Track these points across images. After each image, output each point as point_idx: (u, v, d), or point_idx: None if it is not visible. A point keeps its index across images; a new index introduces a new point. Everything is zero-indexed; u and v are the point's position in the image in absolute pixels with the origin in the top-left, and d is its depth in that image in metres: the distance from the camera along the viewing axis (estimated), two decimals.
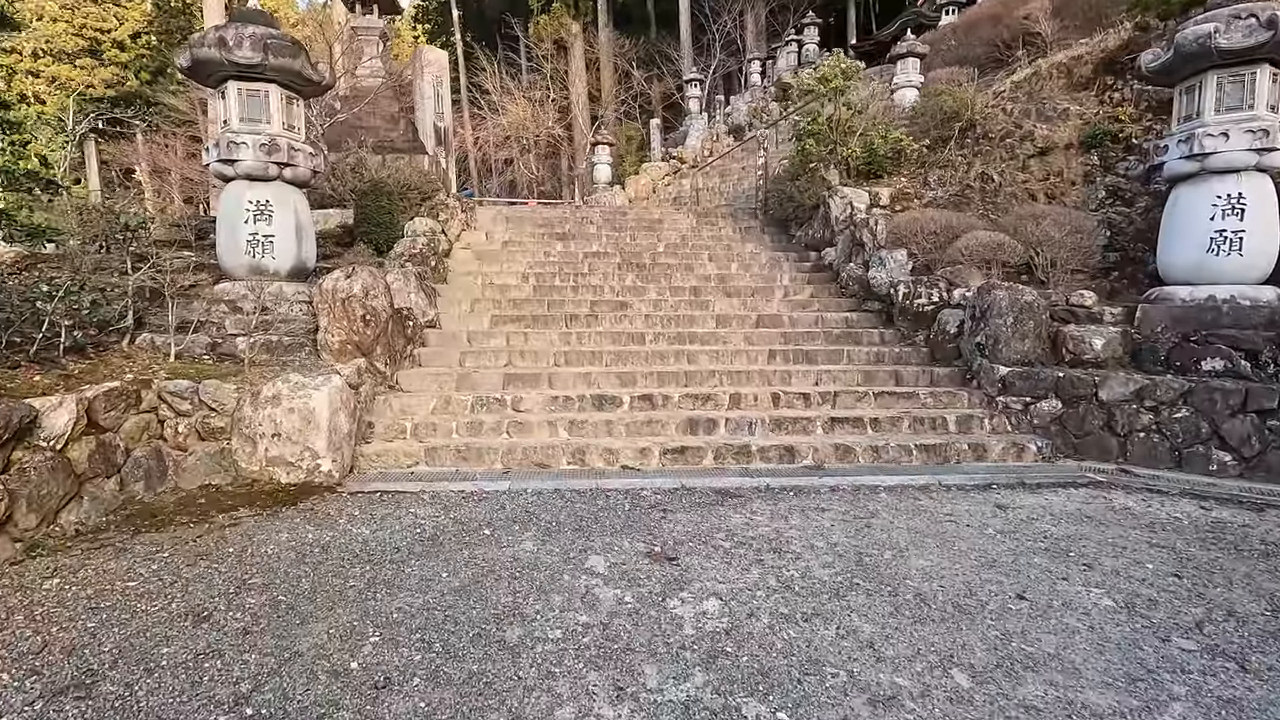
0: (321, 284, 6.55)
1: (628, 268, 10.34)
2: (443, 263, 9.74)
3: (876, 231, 9.54)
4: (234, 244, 7.14)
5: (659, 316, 8.76)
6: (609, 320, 8.66)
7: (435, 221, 10.05)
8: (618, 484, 5.40)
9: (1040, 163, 9.60)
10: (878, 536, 4.38)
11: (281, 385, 5.17)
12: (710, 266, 10.59)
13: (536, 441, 6.10)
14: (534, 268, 10.23)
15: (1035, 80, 10.70)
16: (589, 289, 9.54)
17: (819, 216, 11.12)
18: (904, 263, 8.96)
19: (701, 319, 8.79)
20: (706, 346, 8.11)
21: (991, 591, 3.57)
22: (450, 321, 8.42)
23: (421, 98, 14.40)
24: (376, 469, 5.69)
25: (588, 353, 7.75)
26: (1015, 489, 5.49)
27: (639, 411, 6.72)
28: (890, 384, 7.47)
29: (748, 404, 6.91)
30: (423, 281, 8.33)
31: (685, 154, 23.28)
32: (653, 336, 8.26)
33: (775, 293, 9.77)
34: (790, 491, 5.31)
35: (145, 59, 29.47)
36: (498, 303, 8.99)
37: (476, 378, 7.12)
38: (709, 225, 12.62)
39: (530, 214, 12.79)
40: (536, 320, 8.55)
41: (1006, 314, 7.10)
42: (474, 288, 9.40)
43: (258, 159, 7.02)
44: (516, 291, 9.42)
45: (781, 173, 12.85)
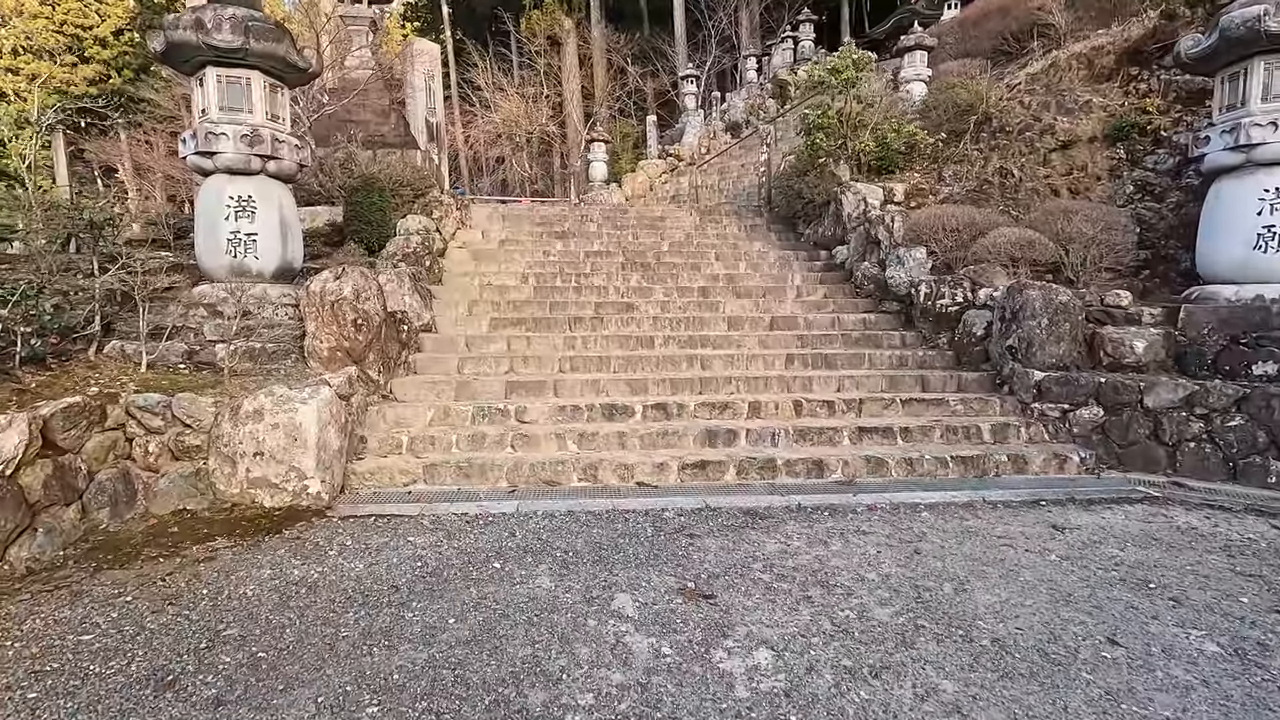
0: (309, 286, 6.04)
1: (632, 267, 9.88)
2: (438, 263, 9.24)
3: (893, 228, 9.12)
4: (213, 243, 6.61)
5: (668, 319, 8.30)
6: (615, 323, 8.19)
7: (429, 219, 9.55)
8: (635, 504, 4.93)
9: (1062, 156, 9.21)
10: (931, 565, 3.94)
11: (264, 399, 4.67)
12: (718, 266, 10.13)
13: (544, 456, 5.63)
14: (533, 268, 9.75)
15: (1053, 72, 10.31)
16: (592, 290, 9.06)
17: (829, 214, 10.69)
18: (923, 261, 8.54)
19: (712, 321, 8.33)
20: (720, 351, 7.65)
21: (1077, 635, 3.13)
22: (447, 325, 7.93)
23: (413, 91, 13.87)
24: (370, 488, 5.20)
25: (595, 358, 7.28)
26: (1066, 506, 5.06)
27: (653, 422, 6.25)
28: (917, 390, 7.05)
29: (768, 413, 6.46)
30: (417, 283, 7.83)
31: (682, 151, 22.85)
32: (662, 340, 7.80)
33: (787, 293, 9.33)
34: (825, 511, 4.86)
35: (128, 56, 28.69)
36: (497, 305, 8.50)
37: (477, 386, 6.63)
38: (713, 223, 12.17)
39: (527, 212, 12.30)
40: (539, 323, 8.07)
41: (1040, 315, 6.69)
42: (471, 289, 8.91)
43: (239, 151, 6.50)
44: (516, 293, 8.94)
45: (787, 169, 12.42)
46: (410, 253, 8.50)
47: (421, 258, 8.68)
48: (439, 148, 16.02)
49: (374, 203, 8.70)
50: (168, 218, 8.38)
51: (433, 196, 10.36)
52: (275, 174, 6.80)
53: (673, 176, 21.96)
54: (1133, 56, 9.31)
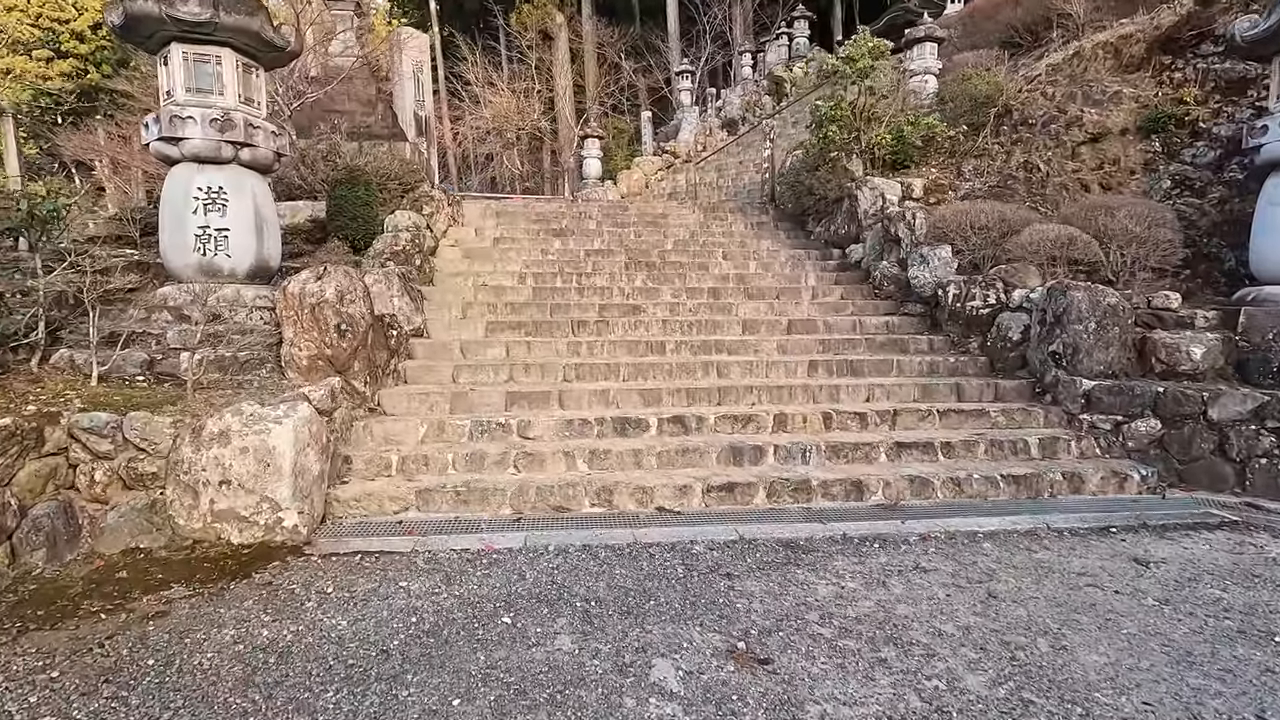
0: (286, 287, 5.40)
1: (636, 267, 9.28)
2: (429, 262, 8.60)
3: (915, 226, 8.59)
4: (180, 239, 5.95)
5: (678, 322, 7.71)
6: (622, 327, 7.59)
7: (419, 215, 8.91)
8: (659, 535, 4.34)
9: (1092, 150, 8.72)
10: (1013, 612, 3.37)
11: (232, 419, 4.03)
12: (726, 265, 9.56)
13: (552, 477, 5.02)
14: (531, 267, 9.13)
15: (1076, 62, 9.83)
16: (595, 291, 8.46)
17: (843, 210, 10.15)
18: (949, 260, 8.01)
19: (726, 325, 7.75)
20: (736, 357, 7.08)
21: (1219, 713, 2.58)
22: (440, 329, 7.29)
23: (401, 81, 13.21)
24: (355, 518, 4.57)
25: (602, 365, 6.67)
26: (1140, 533, 4.53)
27: (670, 437, 5.66)
28: (952, 399, 6.51)
29: (796, 426, 5.88)
30: (407, 283, 7.19)
31: (678, 148, 22.29)
32: (674, 346, 7.20)
33: (802, 294, 8.77)
34: (874, 543, 4.29)
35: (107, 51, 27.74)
36: (493, 307, 7.87)
37: (474, 397, 6.01)
38: (717, 220, 11.60)
39: (523, 209, 11.67)
40: (539, 327, 7.45)
41: (1087, 319, 6.16)
42: (465, 290, 8.27)
43: (208, 137, 5.85)
44: (514, 294, 8.31)
45: (795, 164, 11.87)
46: (399, 251, 7.86)
47: (411, 256, 8.03)
48: (428, 142, 15.36)
49: (359, 197, 8.04)
50: (133, 212, 7.68)
51: (423, 191, 9.72)
52: (249, 163, 6.15)
53: (669, 174, 21.40)
54: (1165, 44, 8.83)
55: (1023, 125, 9.74)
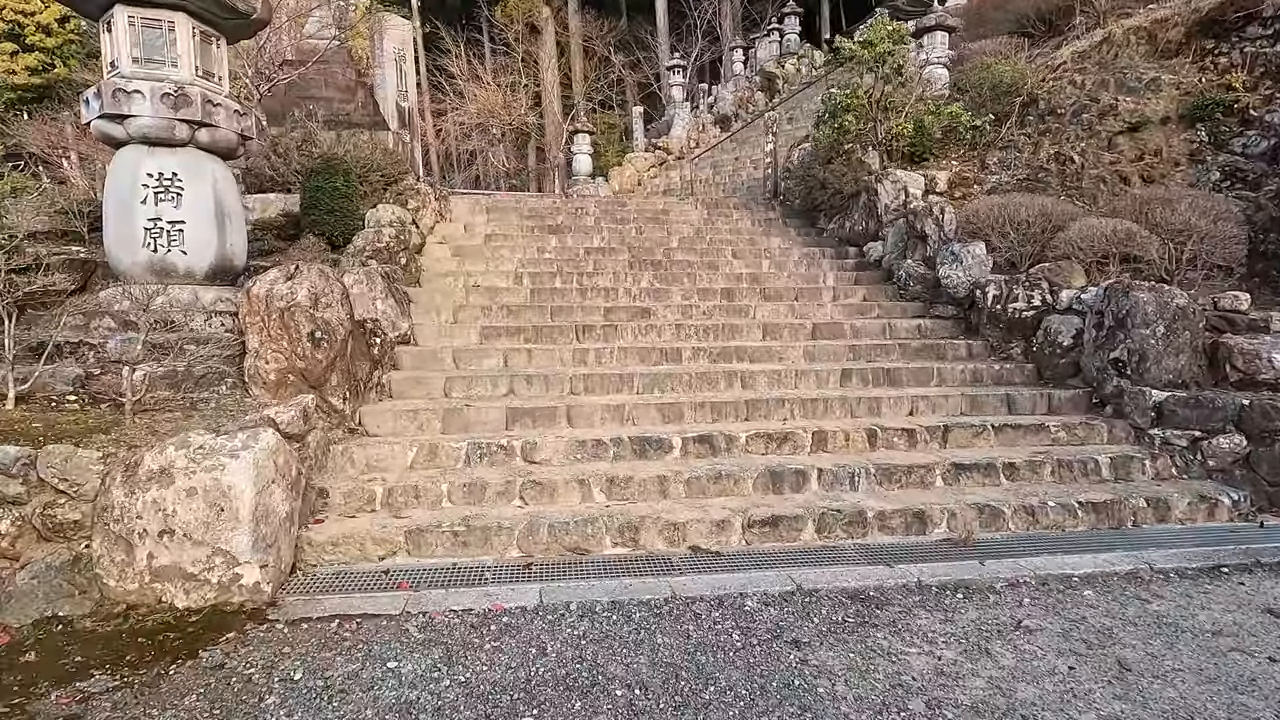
0: (251, 289, 4.61)
1: (640, 266, 8.56)
2: (415, 260, 7.81)
3: (943, 222, 7.95)
4: (127, 233, 5.14)
5: (692, 326, 6.99)
6: (631, 332, 6.86)
7: (404, 210, 8.12)
8: (701, 585, 3.62)
9: (1130, 140, 8.14)
10: (1161, 694, 2.70)
11: (176, 452, 3.24)
12: (737, 264, 8.87)
13: (565, 511, 4.28)
14: (527, 266, 8.37)
15: (1106, 48, 9.27)
16: (599, 292, 7.72)
17: (859, 205, 9.50)
18: (984, 259, 7.38)
19: (745, 329, 7.05)
20: (760, 365, 6.38)
21: None
22: (429, 336, 6.51)
23: (382, 68, 12.38)
24: (333, 567, 3.80)
25: (613, 376, 5.93)
26: (1256, 574, 3.89)
27: (697, 459, 4.95)
28: (1004, 412, 5.86)
29: (838, 445, 5.19)
30: (392, 284, 6.41)
31: (671, 144, 21.62)
32: (690, 353, 6.49)
33: (822, 295, 8.10)
34: (955, 592, 3.61)
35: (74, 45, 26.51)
36: (487, 310, 7.10)
37: (470, 414, 5.24)
38: (722, 217, 10.92)
39: (514, 204, 10.90)
40: (540, 333, 6.69)
41: (1154, 322, 5.55)
42: (455, 291, 7.49)
43: (159, 115, 5.05)
44: (509, 296, 7.55)
45: (804, 158, 11.22)
46: (383, 248, 7.07)
47: (396, 254, 7.25)
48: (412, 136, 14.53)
49: (337, 188, 7.24)
50: (80, 205, 6.82)
51: (408, 184, 8.93)
52: (209, 146, 5.35)
53: (661, 170, 20.72)
54: (1206, 28, 8.28)
55: (1050, 115, 9.16)
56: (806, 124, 18.22)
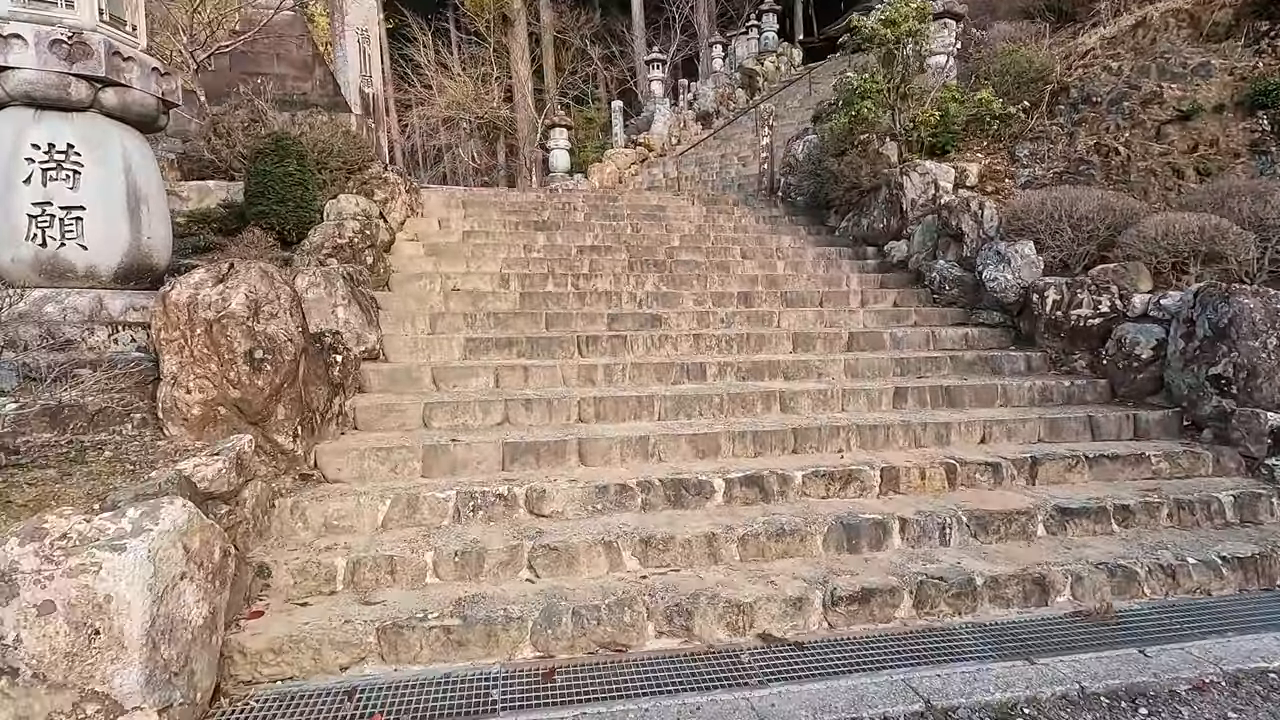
0: (168, 295, 3.48)
1: (642, 267, 7.55)
2: (383, 260, 6.68)
3: (983, 218, 7.12)
4: (4, 221, 3.95)
5: (712, 337, 6.01)
6: (643, 344, 5.84)
7: (370, 202, 6.99)
8: (789, 701, 2.63)
9: (1181, 130, 7.42)
10: None
11: (19, 549, 2.11)
12: (749, 265, 7.93)
13: (590, 587, 3.24)
14: (513, 267, 7.30)
15: (1142, 32, 8.59)
16: (599, 297, 6.69)
17: (878, 201, 8.64)
18: (1034, 260, 6.55)
19: (773, 340, 6.10)
20: (799, 383, 5.43)
21: None
22: (402, 350, 5.41)
23: (343, 48, 11.16)
24: (274, 686, 2.71)
25: (628, 399, 4.90)
26: None
27: (746, 506, 3.96)
28: (1087, 437, 5.01)
29: (911, 484, 4.26)
30: (357, 288, 5.29)
31: (652, 141, 20.68)
32: (716, 369, 5.50)
33: (849, 300, 7.20)
34: (1135, 702, 2.68)
35: None
36: (470, 319, 6.01)
37: (457, 452, 4.16)
38: (722, 214, 9.98)
39: (494, 199, 9.80)
40: (535, 346, 5.63)
41: (1265, 333, 4.75)
42: (432, 296, 6.39)
43: (48, 68, 3.89)
44: (495, 301, 6.47)
45: (810, 150, 10.33)
46: (345, 244, 5.94)
47: (360, 252, 6.12)
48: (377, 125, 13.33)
49: (290, 174, 6.08)
50: None
51: (374, 172, 7.79)
52: (118, 112, 4.19)
53: (643, 167, 19.76)
54: (1260, 8, 7.63)
55: (1084, 103, 8.43)
56: (792, 120, 17.59)
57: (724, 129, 20.98)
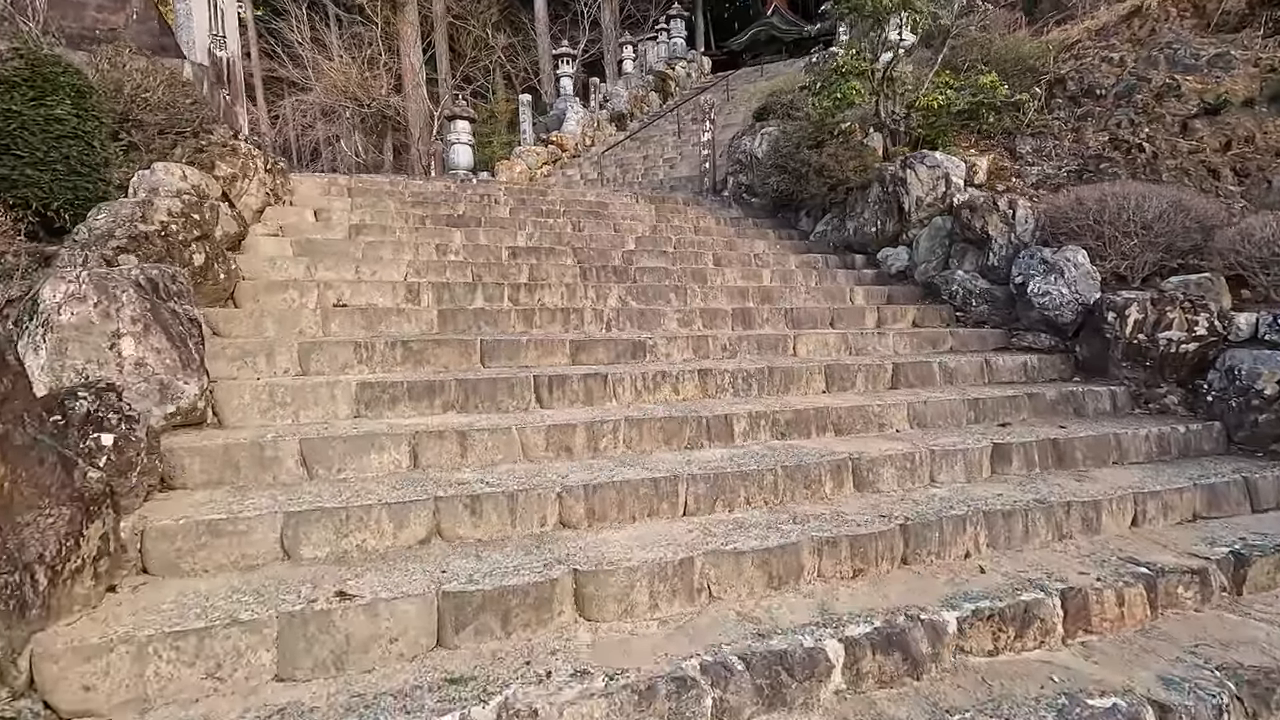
0: None
1: (599, 276, 5.75)
2: (224, 261, 4.45)
3: (1015, 220, 5.88)
4: None
5: (722, 373, 4.26)
6: (631, 385, 3.99)
7: (207, 176, 4.77)
8: None
9: (1210, 125, 6.54)
10: None
11: None
12: (730, 275, 6.30)
13: None
14: (424, 273, 5.28)
15: (1138, 22, 7.79)
16: (551, 316, 4.80)
17: (868, 200, 7.29)
18: (1089, 270, 5.34)
19: (799, 376, 4.44)
20: (861, 440, 3.78)
21: None
22: (249, 407, 3.27)
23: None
24: None
25: (638, 486, 3.02)
26: None
27: (882, 688, 2.24)
28: (1246, 508, 3.69)
29: (1106, 616, 2.68)
30: (164, 305, 3.11)
31: (565, 140, 18.84)
32: (746, 422, 3.75)
33: (864, 319, 5.73)
34: None
35: None
36: (365, 351, 3.93)
37: (346, 627, 2.16)
38: (675, 213, 8.36)
39: (390, 187, 7.63)
40: (472, 393, 3.65)
41: None
42: (303, 315, 4.25)
43: None
44: (402, 322, 4.44)
45: (776, 143, 8.89)
46: (154, 234, 3.73)
47: (182, 248, 3.91)
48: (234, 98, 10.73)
49: (59, 120, 3.78)
50: None
51: (218, 138, 5.50)
52: None
53: (556, 168, 17.86)
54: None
55: (1085, 96, 7.51)
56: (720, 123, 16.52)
57: (642, 131, 19.60)
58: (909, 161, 6.76)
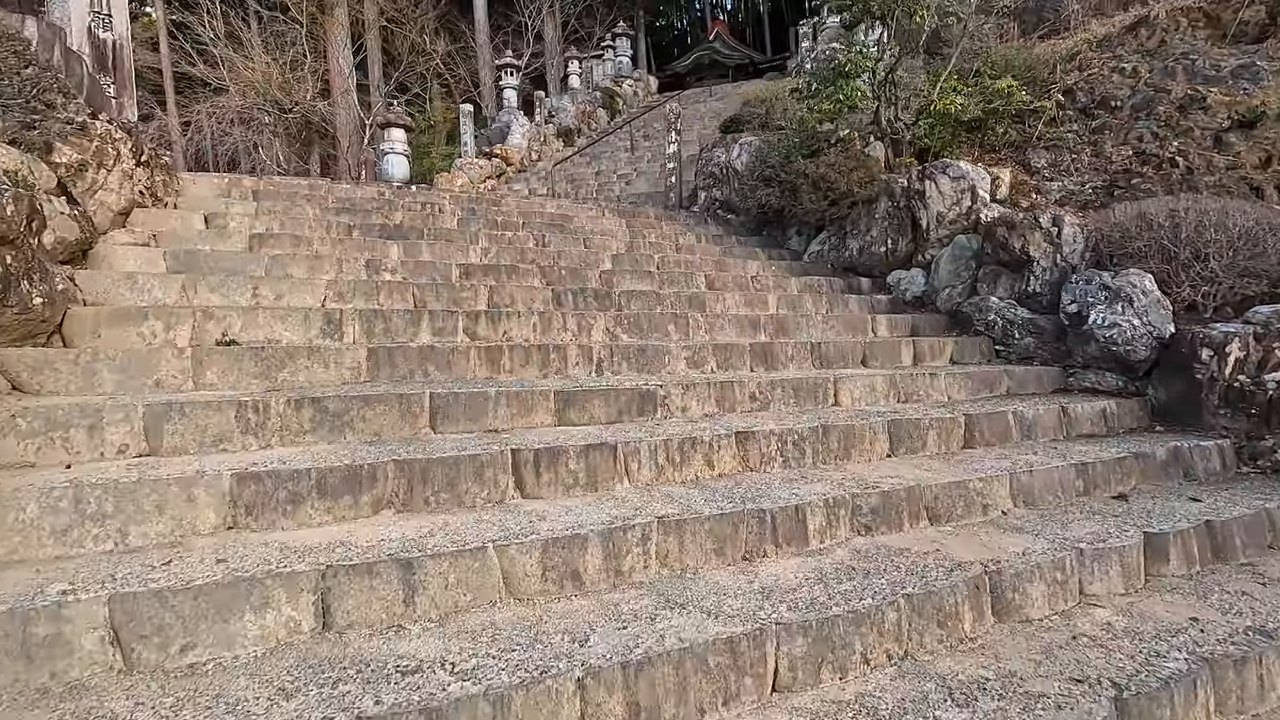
0: None
1: (576, 302, 4.57)
2: (38, 279, 3.05)
3: (1061, 239, 5.06)
4: None
5: (767, 436, 3.11)
6: (649, 456, 2.81)
7: (31, 159, 3.38)
8: None
9: (1245, 139, 5.95)
10: None
11: None
12: (731, 301, 5.24)
13: None
14: (349, 296, 3.98)
15: (1145, 32, 7.27)
16: (523, 356, 3.59)
17: (875, 216, 6.40)
18: (1158, 298, 4.54)
19: (858, 436, 3.34)
20: (971, 534, 2.72)
21: None
22: (27, 527, 1.93)
23: None
24: None
25: (697, 657, 1.88)
26: None
27: None
28: None
29: None
30: None
31: (510, 153, 17.62)
32: (822, 516, 2.61)
33: (900, 355, 4.77)
34: None
35: None
36: (255, 415, 2.61)
37: None
38: (649, 228, 7.31)
39: (308, 191, 6.25)
40: (422, 483, 2.40)
41: None
42: (160, 360, 2.89)
43: None
44: (315, 366, 3.13)
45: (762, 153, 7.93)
46: None
47: None
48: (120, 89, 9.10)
49: None
50: None
51: (67, 115, 4.08)
52: None
53: (501, 182, 16.61)
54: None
55: (1098, 107, 6.88)
56: (661, 141, 15.81)
57: (592, 147, 18.62)
58: (928, 172, 5.90)
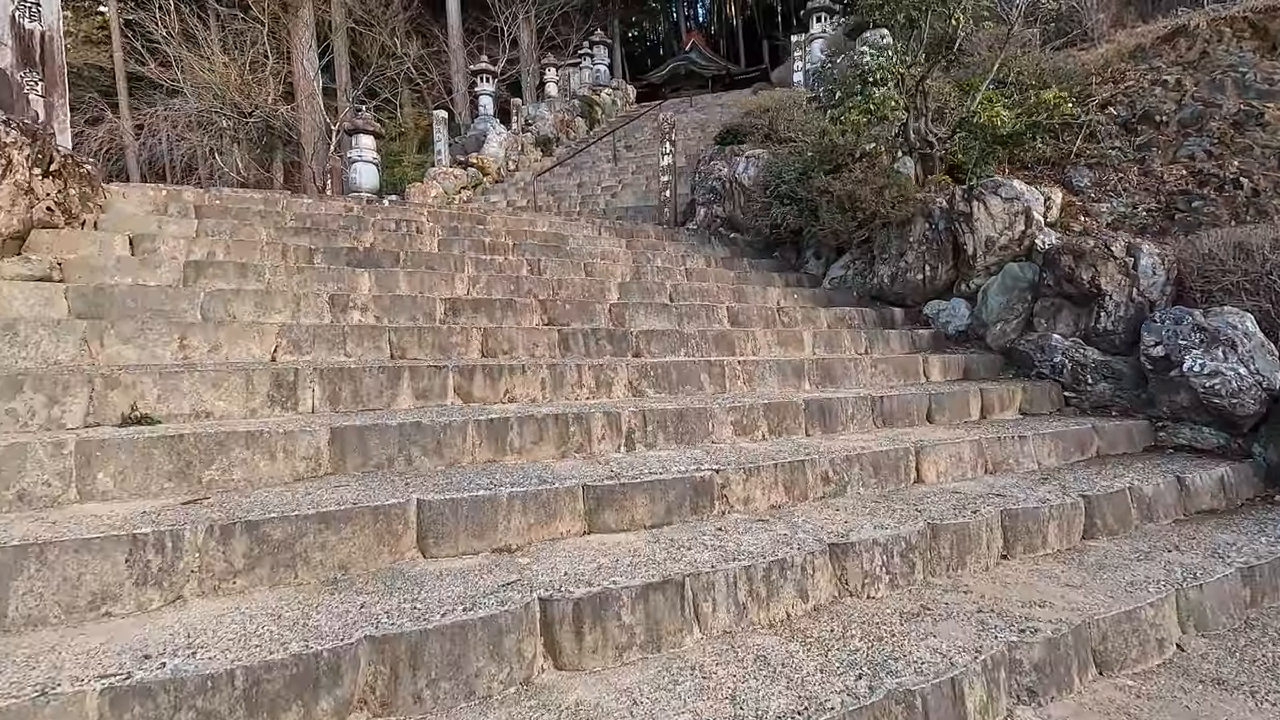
0: None
1: (588, 347, 3.79)
2: None
3: (1138, 270, 4.43)
4: None
5: (870, 549, 2.38)
6: (730, 598, 2.05)
7: None
8: None
9: None
10: None
11: None
12: (764, 340, 4.50)
13: None
14: (308, 346, 3.13)
15: (1185, 43, 6.76)
16: (536, 429, 2.78)
17: (910, 239, 5.74)
18: (1262, 341, 3.93)
19: (973, 540, 2.63)
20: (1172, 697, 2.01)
21: None
22: None
23: None
24: None
25: None
26: None
27: None
28: None
29: None
30: None
31: (486, 163, 16.75)
32: (984, 694, 1.88)
33: (968, 408, 4.07)
34: None
35: None
36: (158, 553, 1.78)
37: None
38: (651, 249, 6.58)
39: (263, 206, 5.36)
40: (413, 667, 1.59)
41: None
42: (26, 457, 2.04)
43: None
44: (256, 457, 2.28)
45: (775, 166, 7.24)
46: None
47: None
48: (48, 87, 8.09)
49: None
50: None
51: None
52: None
53: (477, 193, 15.74)
54: None
55: (1141, 122, 6.33)
56: (645, 151, 15.31)
57: (573, 158, 17.88)
58: (976, 192, 5.25)
